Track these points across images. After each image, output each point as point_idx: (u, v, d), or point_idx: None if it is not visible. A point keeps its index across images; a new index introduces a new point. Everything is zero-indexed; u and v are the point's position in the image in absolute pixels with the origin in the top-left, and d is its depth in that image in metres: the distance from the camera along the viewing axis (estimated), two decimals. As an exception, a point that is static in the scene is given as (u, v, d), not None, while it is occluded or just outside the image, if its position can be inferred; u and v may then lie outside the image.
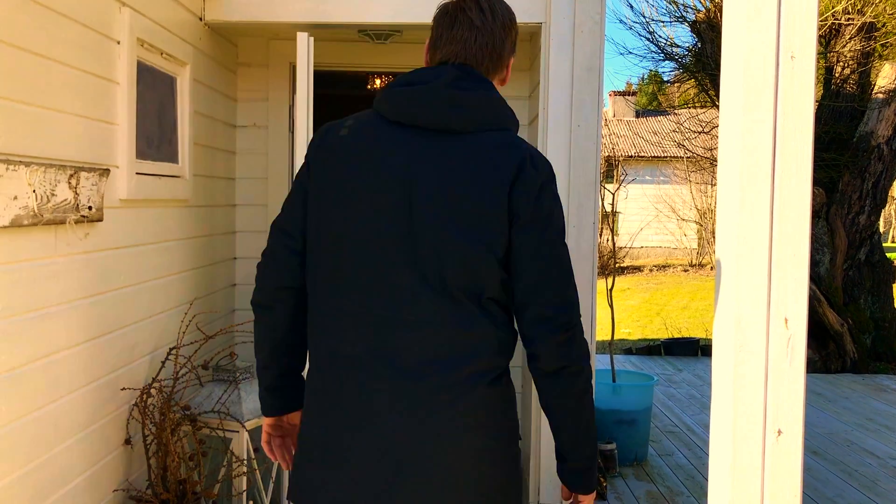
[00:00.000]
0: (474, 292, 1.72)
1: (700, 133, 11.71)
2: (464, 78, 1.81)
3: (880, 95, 8.88)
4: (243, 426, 3.20)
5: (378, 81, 6.48)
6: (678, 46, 9.94)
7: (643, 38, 11.44)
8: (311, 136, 3.54)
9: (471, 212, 1.70)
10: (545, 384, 1.74)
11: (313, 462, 1.75)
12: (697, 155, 14.12)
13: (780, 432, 1.59)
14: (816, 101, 8.89)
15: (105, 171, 2.77)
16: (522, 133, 4.52)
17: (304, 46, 3.50)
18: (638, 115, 30.43)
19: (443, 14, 1.90)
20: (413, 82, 1.81)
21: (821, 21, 8.88)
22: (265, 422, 1.96)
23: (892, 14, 9.01)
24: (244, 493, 3.25)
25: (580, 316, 1.75)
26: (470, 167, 1.73)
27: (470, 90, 1.79)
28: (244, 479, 3.24)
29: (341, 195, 1.77)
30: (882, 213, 9.43)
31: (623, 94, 30.77)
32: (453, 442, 1.66)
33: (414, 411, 1.67)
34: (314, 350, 1.81)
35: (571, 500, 1.86)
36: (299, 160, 3.50)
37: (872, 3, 8.90)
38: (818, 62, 9.57)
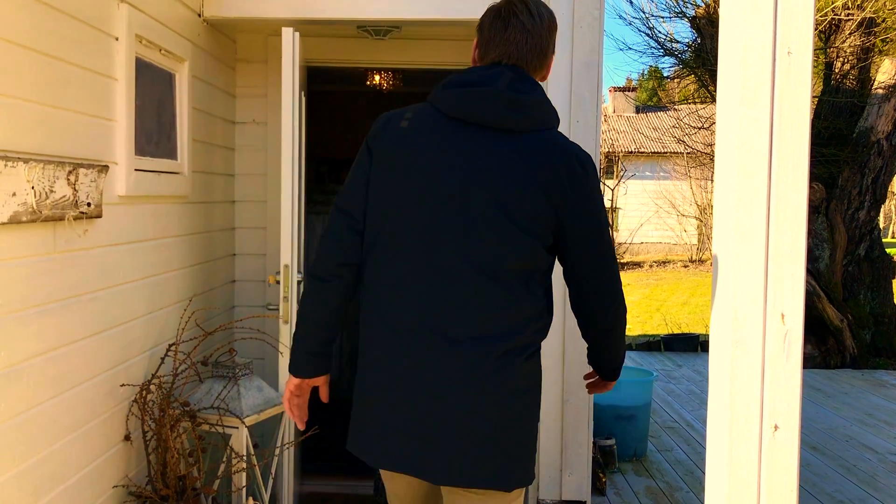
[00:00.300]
0: (523, 277, 1.98)
1: (700, 129, 11.70)
2: (519, 80, 2.01)
3: (880, 91, 8.87)
4: (242, 422, 3.21)
5: (377, 77, 6.47)
6: (678, 42, 9.94)
7: (643, 34, 11.44)
8: (296, 131, 3.54)
9: (523, 205, 1.94)
10: (599, 335, 2.17)
11: (378, 422, 2.01)
12: (697, 150, 14.11)
13: (776, 427, 1.59)
14: (816, 97, 8.88)
15: (104, 168, 2.77)
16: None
17: (290, 42, 3.50)
18: (638, 110, 30.40)
19: (495, 16, 2.08)
20: (473, 83, 2.00)
21: (820, 16, 8.87)
22: (293, 382, 2.16)
23: (891, 9, 9.00)
24: (244, 489, 3.25)
25: (621, 284, 2.11)
26: (524, 164, 1.95)
27: (528, 93, 1.99)
28: (244, 475, 3.25)
29: (403, 183, 1.98)
30: (882, 209, 9.43)
31: (623, 89, 30.75)
32: (499, 403, 1.96)
33: (463, 379, 1.94)
34: (371, 321, 2.03)
35: (596, 380, 2.39)
36: (287, 155, 3.50)
37: (872, -1, 8.89)
38: (818, 58, 9.56)
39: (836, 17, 8.98)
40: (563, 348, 3.83)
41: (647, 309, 14.26)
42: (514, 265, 1.96)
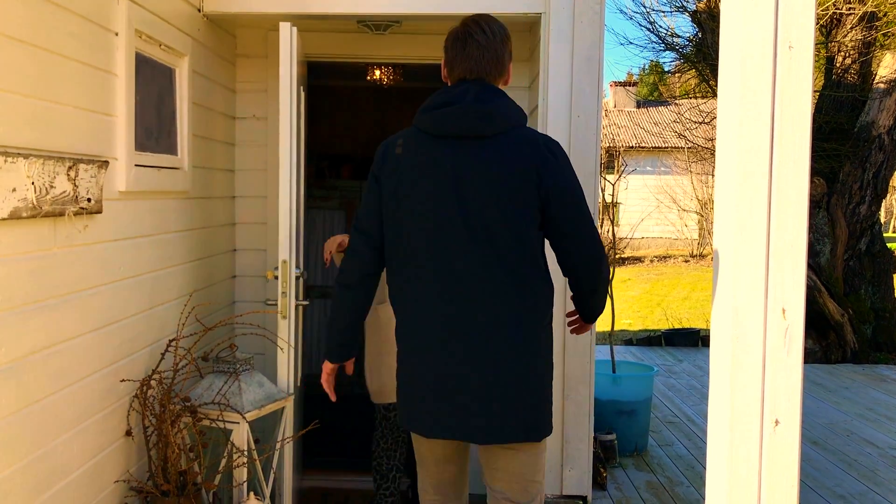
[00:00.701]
0: (523, 257, 2.36)
1: (701, 123, 11.69)
2: (483, 91, 2.41)
3: (881, 85, 8.85)
4: (243, 417, 3.21)
5: (378, 72, 6.46)
6: (679, 36, 9.92)
7: (644, 29, 11.40)
8: (294, 126, 3.56)
9: (510, 194, 2.33)
10: (586, 294, 2.55)
11: (422, 394, 2.45)
12: (698, 145, 14.09)
13: (777, 422, 1.59)
14: (817, 92, 8.86)
15: (104, 163, 2.77)
16: (522, 124, 4.50)
17: (287, 37, 3.49)
18: (639, 105, 30.35)
19: (454, 39, 2.52)
20: (446, 103, 2.41)
21: (822, 10, 8.85)
22: (329, 367, 2.65)
23: (893, 3, 8.98)
24: (244, 484, 3.25)
25: (604, 247, 2.44)
26: (503, 161, 2.34)
27: (490, 101, 2.39)
28: (244, 470, 3.25)
29: (408, 197, 2.40)
30: (883, 204, 9.42)
31: (624, 84, 30.70)
32: (526, 368, 2.40)
33: (494, 353, 2.36)
34: (405, 317, 2.47)
35: (576, 319, 2.75)
36: (284, 151, 3.51)
37: (874, -7, 8.87)
38: (819, 52, 9.53)
39: (838, 11, 8.96)
40: (563, 344, 3.83)
41: (647, 304, 14.26)
42: (514, 249, 2.35)
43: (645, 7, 13.94)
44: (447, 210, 2.35)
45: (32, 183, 2.31)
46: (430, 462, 2.65)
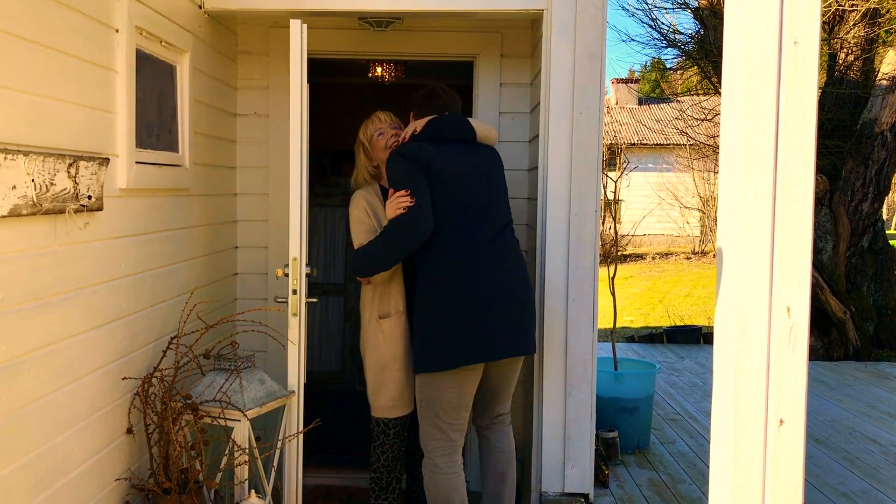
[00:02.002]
0: (511, 226, 3.51)
1: (703, 120, 11.66)
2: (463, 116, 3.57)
3: (884, 82, 8.83)
4: (245, 415, 3.20)
5: (379, 69, 6.44)
6: (681, 33, 9.92)
7: (646, 26, 11.37)
8: (304, 123, 3.54)
9: (501, 185, 3.52)
10: None
11: (490, 318, 3.26)
12: (700, 142, 14.07)
13: (781, 422, 1.58)
14: (819, 88, 8.85)
15: (104, 161, 2.76)
16: (524, 120, 4.50)
17: (297, 33, 3.46)
18: (641, 102, 30.31)
19: (428, 94, 3.59)
20: (450, 120, 3.51)
21: (825, 7, 8.82)
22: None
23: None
24: (246, 482, 3.25)
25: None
26: (492, 160, 3.53)
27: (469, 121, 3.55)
28: (246, 467, 3.24)
29: (450, 184, 3.33)
30: (885, 201, 9.41)
31: (626, 81, 30.65)
32: (532, 293, 3.53)
33: (518, 284, 3.38)
34: (455, 269, 3.29)
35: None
36: (295, 148, 3.49)
37: (876, -11, 8.84)
38: (821, 48, 9.52)
39: (841, 7, 8.94)
40: (565, 342, 3.82)
41: (649, 301, 14.24)
42: (509, 219, 3.50)
43: (647, 4, 13.89)
44: (475, 192, 3.40)
45: (33, 180, 2.30)
46: (461, 401, 3.32)
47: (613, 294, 5.50)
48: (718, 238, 1.69)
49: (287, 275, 3.50)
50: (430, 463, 3.38)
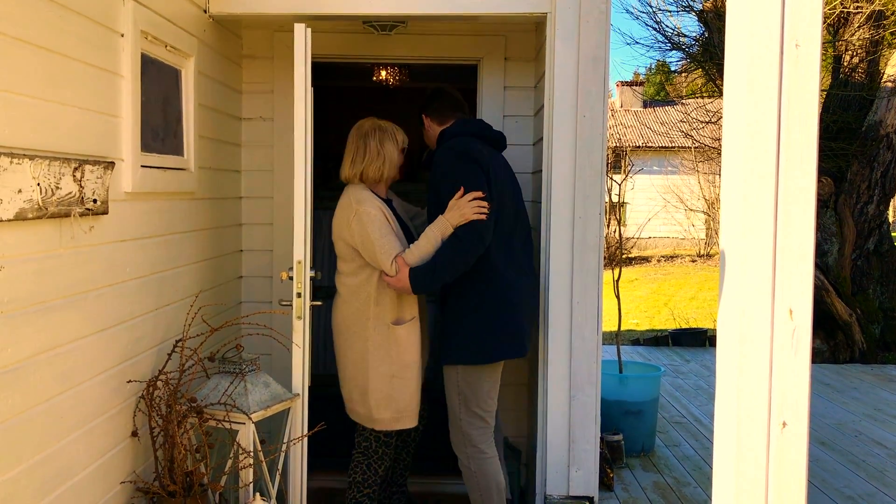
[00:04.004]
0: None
1: (708, 123, 11.66)
2: None
3: (889, 84, 8.81)
4: (249, 418, 3.21)
5: (384, 73, 6.46)
6: (685, 36, 9.90)
7: (650, 28, 11.36)
8: (309, 127, 3.52)
9: (522, 193, 3.79)
10: None
11: (518, 320, 3.54)
12: (705, 145, 14.06)
13: (784, 424, 1.58)
14: (824, 91, 8.83)
15: (110, 164, 2.77)
16: (528, 123, 4.51)
17: (302, 37, 3.47)
18: (645, 105, 30.29)
19: (438, 93, 3.74)
20: (480, 124, 3.70)
21: (829, 9, 8.82)
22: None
23: (901, 2, 8.94)
24: (251, 485, 3.25)
25: None
26: (510, 167, 3.72)
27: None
28: (251, 470, 3.25)
29: (500, 188, 3.48)
30: (891, 203, 9.38)
31: (630, 84, 30.65)
32: None
33: (536, 291, 3.75)
34: (498, 272, 3.47)
35: None
36: (299, 152, 3.48)
37: (881, -9, 8.83)
38: (826, 51, 9.49)
39: (845, 9, 8.93)
40: (569, 345, 3.82)
41: (654, 304, 14.23)
42: (530, 226, 3.79)
43: (651, 7, 13.90)
44: (511, 203, 3.60)
45: (38, 184, 2.31)
46: (495, 390, 3.58)
47: (618, 297, 5.50)
48: (721, 240, 1.69)
49: (291, 278, 3.50)
50: (476, 451, 3.52)
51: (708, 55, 9.34)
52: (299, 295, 3.48)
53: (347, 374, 3.58)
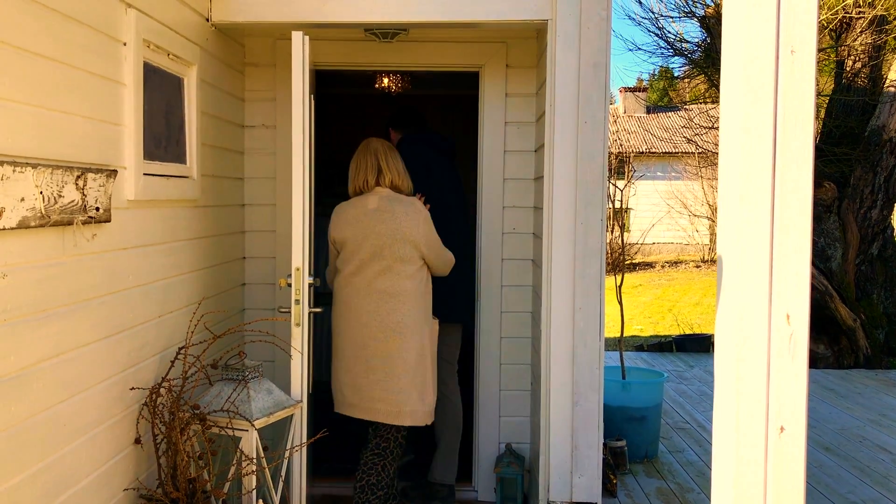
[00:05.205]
0: None
1: (711, 128, 11.66)
2: None
3: (892, 89, 8.81)
4: (252, 425, 3.21)
5: (386, 80, 6.48)
6: (687, 42, 9.91)
7: (652, 34, 11.38)
8: (307, 135, 3.55)
9: None
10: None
11: None
12: (708, 150, 14.06)
13: (782, 429, 1.58)
14: (827, 96, 8.83)
15: (112, 172, 2.79)
16: (530, 129, 4.52)
17: (299, 45, 3.49)
18: (648, 111, 30.30)
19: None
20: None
21: (831, 14, 8.82)
22: None
23: (903, 7, 8.94)
24: (254, 492, 3.26)
25: None
26: None
27: None
28: (254, 477, 3.25)
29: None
30: (895, 207, 9.37)
31: (633, 90, 30.65)
32: None
33: None
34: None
35: None
36: (297, 159, 3.51)
37: (883, -4, 8.83)
38: (829, 56, 9.49)
39: (848, 15, 8.93)
40: (572, 351, 3.82)
41: (658, 309, 14.21)
42: None
43: (653, 13, 13.91)
44: None
45: (41, 192, 2.33)
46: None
47: (620, 303, 5.50)
48: (718, 246, 1.70)
49: (290, 285, 3.52)
50: (454, 394, 4.34)
51: (710, 61, 9.34)
52: (297, 302, 3.49)
53: (407, 374, 3.65)
